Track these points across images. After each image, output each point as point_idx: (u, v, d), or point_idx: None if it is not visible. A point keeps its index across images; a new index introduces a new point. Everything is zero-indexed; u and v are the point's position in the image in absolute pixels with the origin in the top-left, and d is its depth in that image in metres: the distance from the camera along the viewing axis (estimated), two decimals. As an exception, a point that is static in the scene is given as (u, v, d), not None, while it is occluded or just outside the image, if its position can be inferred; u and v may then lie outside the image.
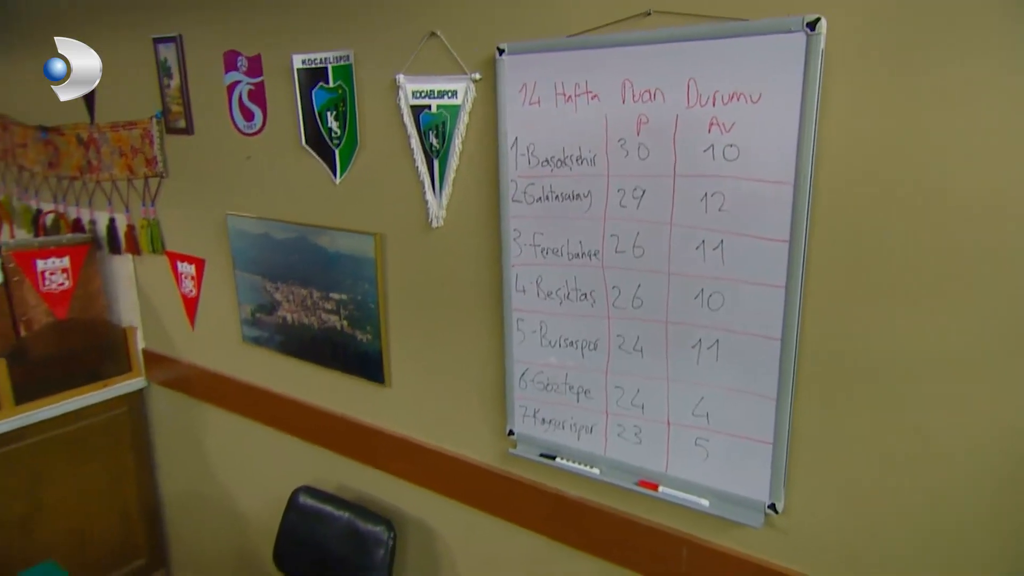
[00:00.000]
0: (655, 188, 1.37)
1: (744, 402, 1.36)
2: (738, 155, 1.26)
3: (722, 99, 1.26)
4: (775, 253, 1.26)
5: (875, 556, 1.30)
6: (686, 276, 1.38)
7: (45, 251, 2.59)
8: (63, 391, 2.65)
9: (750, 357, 1.34)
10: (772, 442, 1.35)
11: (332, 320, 2.02)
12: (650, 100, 1.34)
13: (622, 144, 1.39)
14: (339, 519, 2.05)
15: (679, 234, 1.37)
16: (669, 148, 1.33)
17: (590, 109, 1.41)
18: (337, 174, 1.88)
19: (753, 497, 1.40)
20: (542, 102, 1.47)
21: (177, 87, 2.21)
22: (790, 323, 1.27)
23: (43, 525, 2.65)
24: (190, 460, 2.78)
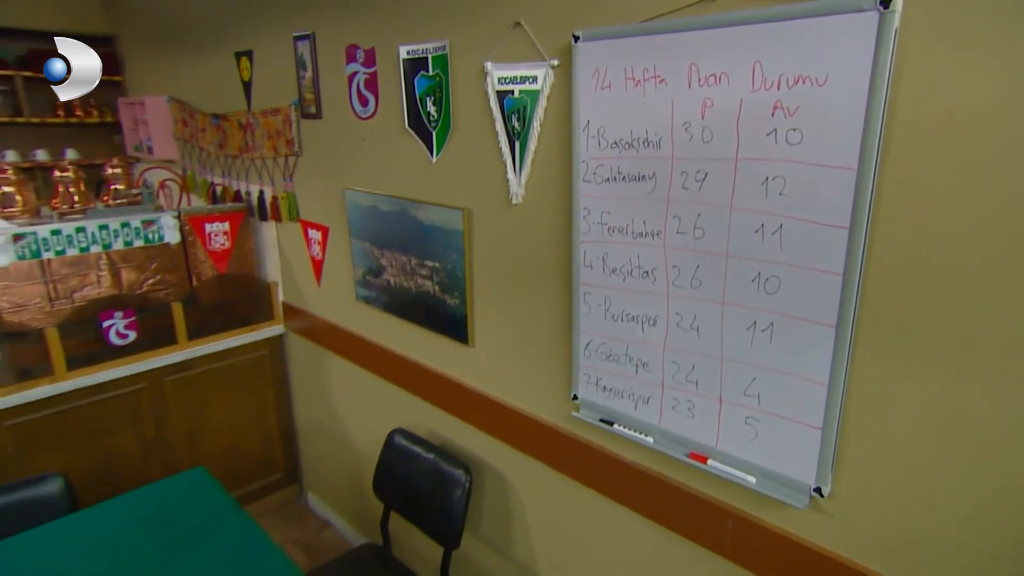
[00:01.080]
0: (717, 171, 1.24)
1: (796, 386, 1.22)
2: (801, 139, 1.11)
3: (787, 82, 1.11)
4: (834, 239, 1.10)
5: (923, 550, 1.13)
6: (744, 259, 1.24)
7: (211, 217, 2.77)
8: (222, 332, 2.83)
9: (803, 342, 1.19)
10: (821, 427, 1.20)
11: (426, 285, 2.02)
12: (715, 84, 1.20)
13: (687, 128, 1.27)
14: (426, 460, 2.07)
15: (739, 217, 1.23)
16: (732, 132, 1.20)
17: (657, 93, 1.29)
18: (433, 154, 1.85)
19: (799, 479, 1.26)
20: (613, 86, 1.37)
21: (310, 78, 2.26)
22: (846, 311, 1.12)
23: (205, 439, 2.87)
24: (316, 397, 2.91)
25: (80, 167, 2.91)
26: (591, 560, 1.78)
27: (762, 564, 1.37)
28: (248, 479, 3.04)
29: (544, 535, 1.90)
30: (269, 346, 2.98)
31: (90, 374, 2.46)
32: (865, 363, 1.14)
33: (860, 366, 1.14)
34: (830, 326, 1.15)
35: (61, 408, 2.42)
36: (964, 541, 1.08)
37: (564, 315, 1.62)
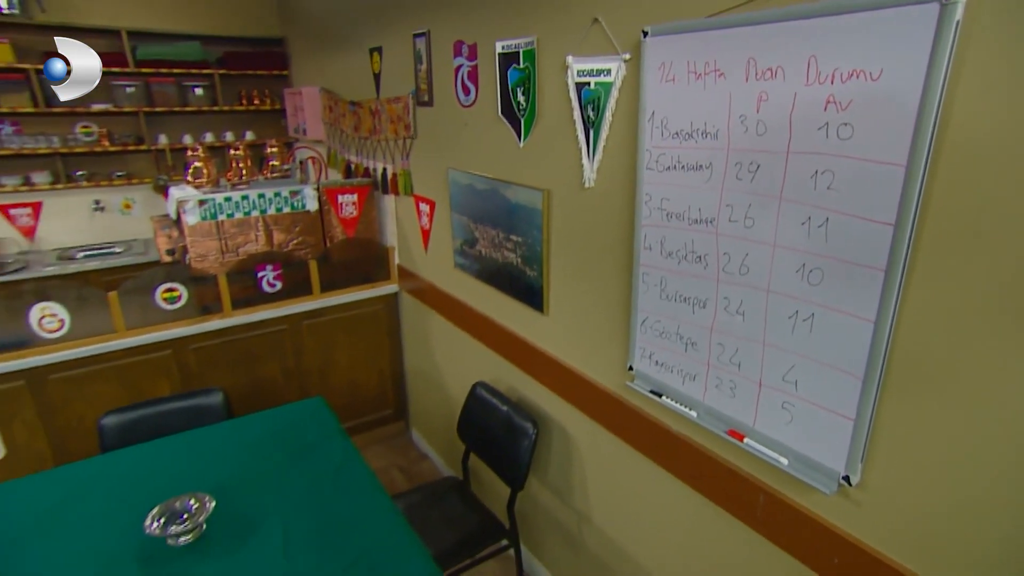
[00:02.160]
0: (769, 163, 1.17)
1: (831, 376, 1.14)
2: (852, 134, 1.02)
3: (840, 77, 1.02)
4: (879, 235, 1.01)
5: (950, 548, 1.03)
6: (790, 250, 1.16)
7: (343, 189, 2.96)
8: (348, 287, 3.02)
9: (842, 335, 1.11)
10: (854, 418, 1.12)
11: (511, 257, 2.06)
12: (771, 78, 1.13)
13: (742, 120, 1.20)
14: (501, 411, 2.14)
15: (787, 209, 1.15)
16: (785, 125, 1.12)
17: (717, 87, 1.23)
18: (521, 139, 1.87)
19: (829, 465, 1.18)
20: (676, 79, 1.31)
21: (425, 70, 2.33)
22: (886, 307, 1.02)
23: (332, 374, 3.09)
24: (421, 348, 3.05)
25: (250, 146, 3.22)
26: (637, 514, 1.77)
27: (789, 540, 1.31)
28: (364, 411, 3.26)
29: (598, 487, 1.91)
30: (385, 302, 3.14)
31: (248, 313, 2.75)
32: (902, 361, 1.04)
33: (897, 363, 1.05)
34: (869, 321, 1.06)
35: (227, 339, 2.73)
36: (992, 542, 0.98)
37: (625, 292, 1.60)
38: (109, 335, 2.47)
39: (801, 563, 1.29)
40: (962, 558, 1.02)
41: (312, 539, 1.53)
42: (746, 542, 1.41)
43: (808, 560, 1.27)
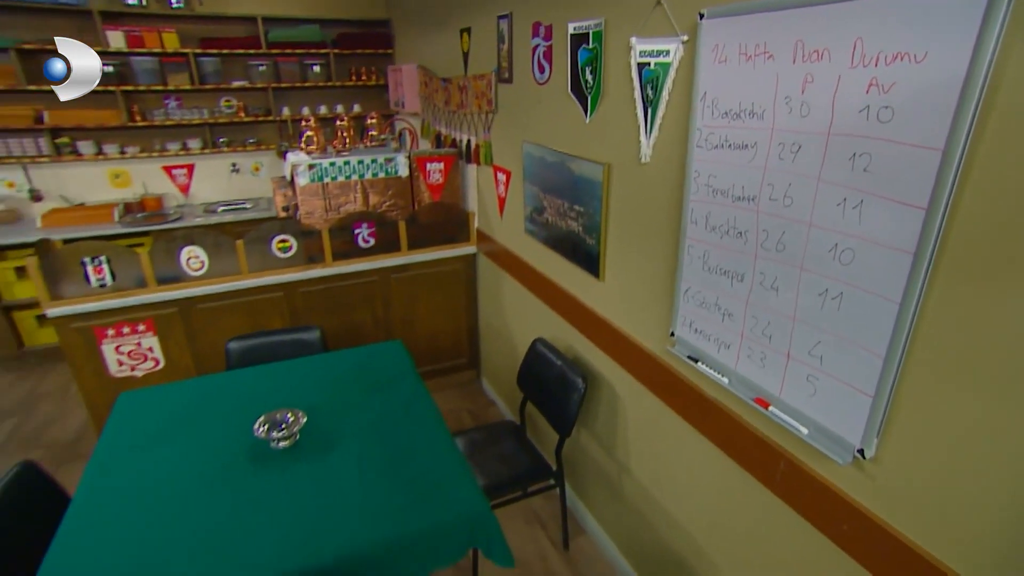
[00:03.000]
0: (810, 144, 1.13)
1: (855, 353, 1.11)
2: (892, 117, 0.97)
3: (885, 59, 0.96)
4: (910, 218, 0.96)
5: (957, 523, 1.00)
6: (824, 229, 1.13)
7: (431, 158, 3.08)
8: (432, 246, 3.14)
9: (867, 314, 1.07)
10: (872, 395, 1.09)
11: (573, 225, 2.09)
12: (817, 60, 1.08)
13: (787, 101, 1.16)
14: (555, 365, 2.21)
15: (824, 189, 1.11)
16: (828, 107, 1.07)
17: (765, 68, 1.19)
18: (587, 115, 1.87)
19: (845, 438, 1.16)
20: (728, 61, 1.28)
21: (506, 50, 2.36)
22: (912, 289, 0.98)
23: (415, 324, 3.26)
24: (493, 305, 3.15)
25: (355, 118, 3.40)
26: (670, 469, 1.80)
27: (803, 504, 1.30)
28: (441, 359, 3.43)
29: (638, 441, 1.95)
30: (464, 262, 3.25)
31: (345, 265, 2.96)
32: (926, 342, 1.00)
33: (919, 345, 1.01)
34: (894, 302, 1.02)
35: (327, 286, 2.96)
36: (1001, 524, 0.94)
37: (671, 263, 1.60)
38: (236, 276, 2.76)
39: (813, 526, 1.28)
40: (969, 536, 0.99)
41: (380, 457, 1.69)
42: (765, 503, 1.41)
43: (819, 524, 1.26)
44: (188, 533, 1.43)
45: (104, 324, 2.58)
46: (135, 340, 2.65)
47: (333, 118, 3.15)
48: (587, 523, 2.41)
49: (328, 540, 1.41)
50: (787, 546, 1.37)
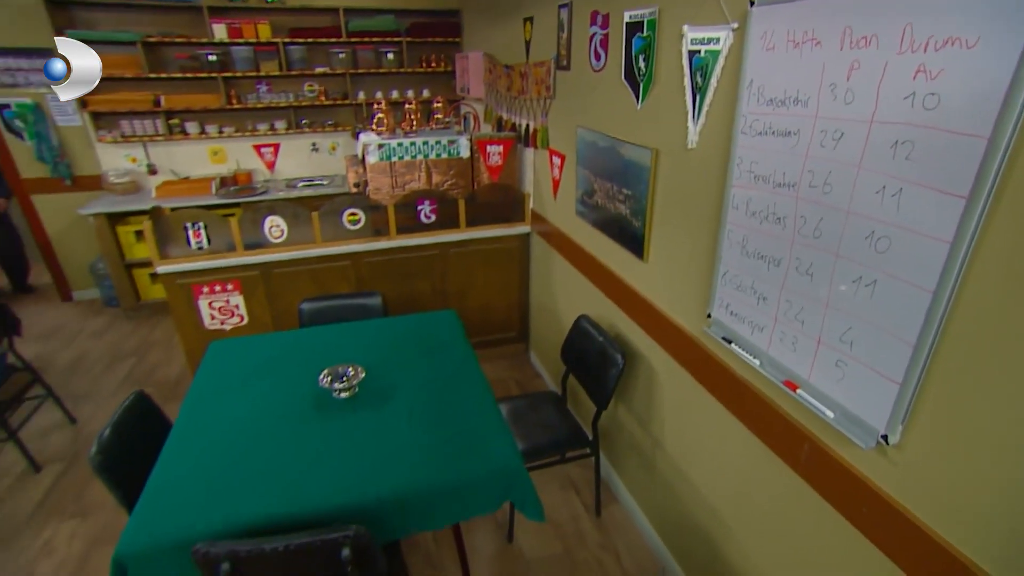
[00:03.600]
0: (852, 132, 1.09)
1: (885, 341, 1.08)
2: (937, 104, 0.92)
3: (935, 45, 0.91)
4: (950, 207, 0.92)
5: (978, 514, 0.97)
6: (862, 217, 1.09)
7: (492, 141, 3.11)
8: (489, 224, 3.19)
9: (900, 302, 1.04)
10: (900, 383, 1.06)
11: (621, 208, 2.09)
12: (865, 46, 1.03)
13: (832, 89, 1.12)
14: (597, 341, 2.23)
15: (864, 177, 1.08)
16: (873, 94, 1.03)
17: (812, 55, 1.15)
18: (639, 102, 1.85)
19: (870, 423, 1.13)
20: (776, 48, 1.24)
21: (565, 38, 2.34)
22: (946, 279, 0.95)
23: (470, 296, 3.33)
24: (543, 282, 3.18)
25: (422, 102, 3.48)
26: (700, 445, 1.80)
27: (825, 486, 1.28)
28: (493, 331, 3.49)
29: (671, 417, 1.95)
30: (519, 240, 3.28)
31: (408, 238, 3.07)
32: (959, 333, 0.96)
33: (952, 335, 0.97)
34: (928, 291, 0.98)
35: (390, 257, 3.08)
36: (1022, 516, 0.90)
37: (711, 247, 1.58)
38: (310, 244, 2.93)
39: (833, 507, 1.26)
40: (988, 527, 0.95)
41: (428, 412, 1.79)
42: (787, 482, 1.40)
43: (839, 506, 1.24)
44: (260, 462, 1.58)
45: (200, 282, 2.81)
46: (224, 297, 2.88)
47: (403, 102, 3.25)
48: (619, 492, 2.44)
49: (377, 481, 1.51)
50: (807, 525, 1.36)
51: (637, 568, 2.15)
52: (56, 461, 2.78)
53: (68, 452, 2.84)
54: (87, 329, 4.15)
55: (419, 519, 1.53)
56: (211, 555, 1.24)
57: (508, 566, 2.17)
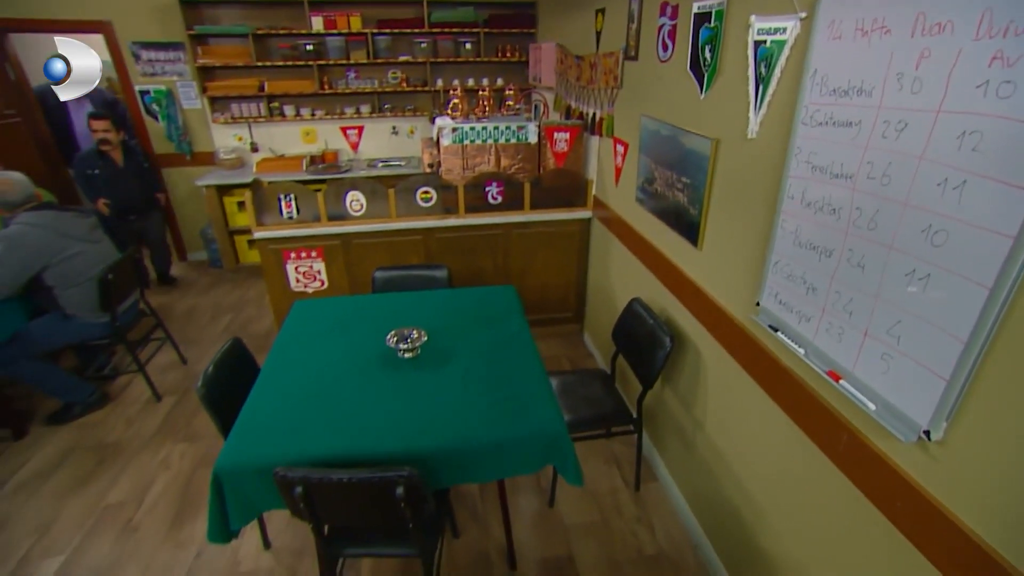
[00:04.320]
0: (917, 122, 1.03)
1: (935, 336, 1.03)
2: (1012, 92, 0.86)
3: (1014, 30, 0.85)
4: (1016, 201, 0.86)
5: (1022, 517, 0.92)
6: (920, 209, 1.04)
7: (559, 128, 3.10)
8: (552, 208, 3.21)
9: (954, 298, 0.98)
10: (947, 379, 1.00)
11: (679, 196, 2.05)
12: (938, 33, 0.97)
13: (899, 78, 1.06)
14: (647, 323, 2.21)
15: (926, 169, 1.02)
16: (942, 83, 0.97)
17: (881, 43, 1.09)
18: (702, 92, 1.81)
19: (913, 418, 1.08)
20: (843, 37, 1.18)
21: (635, 29, 2.30)
22: (1006, 276, 0.89)
23: (529, 275, 3.37)
24: (601, 266, 3.16)
25: (495, 90, 3.53)
26: (741, 430, 1.77)
27: (861, 477, 1.24)
28: (549, 310, 3.52)
29: (714, 400, 1.93)
30: (580, 225, 3.27)
31: (475, 217, 3.15)
32: (1012, 333, 0.90)
33: (1007, 333, 0.91)
34: (985, 288, 0.92)
35: (458, 234, 3.17)
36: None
37: (764, 236, 1.53)
38: (386, 219, 3.08)
39: (868, 499, 1.22)
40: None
41: (481, 376, 1.86)
42: (824, 472, 1.36)
43: (874, 498, 1.20)
44: (332, 406, 1.72)
45: (289, 248, 3.03)
46: (309, 263, 3.09)
47: (477, 89, 3.31)
48: (659, 471, 2.43)
49: (430, 433, 1.61)
50: (840, 514, 1.32)
51: (670, 543, 2.16)
52: (171, 394, 3.12)
53: (181, 387, 3.18)
54: (197, 286, 4.58)
55: (465, 471, 1.62)
56: (288, 478, 1.38)
57: (547, 528, 2.24)
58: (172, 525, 2.26)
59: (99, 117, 3.63)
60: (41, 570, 2.08)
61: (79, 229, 2.70)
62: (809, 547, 1.46)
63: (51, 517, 2.32)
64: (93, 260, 2.72)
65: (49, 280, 2.60)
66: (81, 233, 2.70)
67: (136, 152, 4.05)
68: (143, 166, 4.07)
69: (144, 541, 2.20)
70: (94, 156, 3.75)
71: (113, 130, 3.70)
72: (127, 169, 3.90)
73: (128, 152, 3.92)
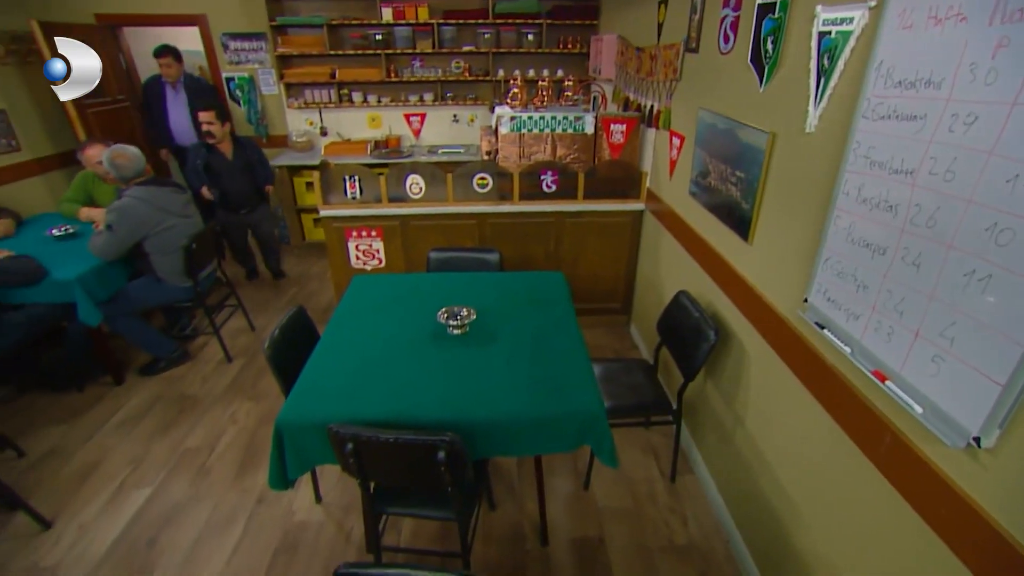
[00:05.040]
0: (988, 115, 0.97)
1: (992, 340, 0.98)
2: (1092, 87, 0.81)
3: (1097, 21, 0.80)
4: (1087, 201, 0.81)
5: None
6: (986, 207, 0.98)
7: (616, 119, 3.08)
8: (605, 199, 3.19)
9: (1016, 300, 0.93)
10: (1004, 384, 0.96)
11: (732, 191, 2.01)
12: (1020, 19, 0.91)
13: (972, 68, 1.00)
14: (693, 316, 2.18)
15: (996, 164, 0.96)
16: (1019, 74, 0.92)
17: (954, 32, 1.03)
18: (762, 84, 1.75)
19: (962, 423, 1.04)
20: (914, 26, 1.13)
21: (697, 20, 2.24)
22: (1071, 278, 0.84)
23: (580, 264, 3.37)
24: (651, 258, 3.13)
25: (554, 81, 3.53)
26: (781, 427, 1.73)
27: (903, 482, 1.20)
28: (599, 299, 3.51)
29: (756, 396, 1.89)
30: (632, 217, 3.24)
31: (529, 204, 3.18)
32: (1076, 336, 0.85)
33: (1069, 338, 0.86)
34: (1049, 290, 0.88)
35: (512, 220, 3.22)
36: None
37: (816, 232, 1.49)
38: (443, 202, 3.17)
39: (909, 504, 1.18)
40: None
41: (524, 355, 1.90)
42: (864, 474, 1.32)
43: (915, 503, 1.16)
44: (383, 374, 1.82)
45: (351, 226, 3.19)
46: (368, 242, 3.23)
47: (537, 80, 3.32)
48: (696, 464, 2.41)
49: (474, 405, 1.67)
50: (878, 518, 1.28)
51: (702, 535, 2.14)
52: (241, 356, 3.38)
53: (249, 351, 3.43)
54: (267, 259, 4.88)
55: (504, 443, 1.68)
56: (340, 434, 1.49)
57: (580, 509, 2.27)
58: (238, 473, 2.47)
59: (203, 108, 3.54)
60: (133, 498, 2.34)
61: (175, 204, 2.95)
62: (843, 548, 1.43)
63: (141, 454, 2.59)
64: (184, 232, 2.98)
65: (147, 248, 2.87)
66: (177, 208, 2.95)
67: (246, 146, 3.83)
68: (253, 159, 3.84)
69: (215, 484, 2.41)
70: (202, 148, 3.68)
71: (218, 122, 3.55)
72: (235, 163, 3.75)
73: (238, 145, 3.78)
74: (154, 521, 2.23)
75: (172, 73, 4.20)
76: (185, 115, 4.37)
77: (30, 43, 3.93)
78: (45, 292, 2.69)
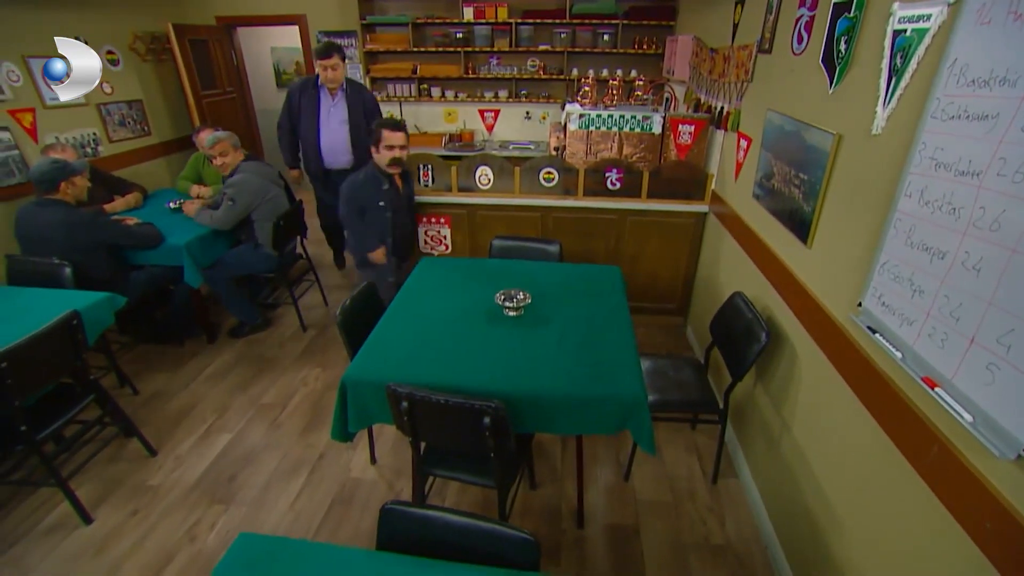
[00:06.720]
0: (1060, 117, 0.94)
1: (1048, 347, 0.95)
2: None
3: None
4: None
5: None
6: (1052, 211, 0.95)
7: (685, 120, 3.06)
8: (669, 199, 3.17)
9: (1074, 306, 0.90)
10: (1056, 394, 0.93)
11: (795, 193, 1.97)
12: (1096, 20, 0.88)
13: (1048, 67, 0.97)
14: (746, 317, 2.15)
15: (1064, 167, 0.93)
16: (1093, 75, 0.89)
17: (1031, 30, 1.00)
18: (832, 85, 1.72)
19: (1016, 434, 1.01)
20: (993, 22, 1.09)
21: (772, 20, 2.20)
22: None
23: (640, 262, 3.38)
24: (711, 260, 3.08)
25: (625, 80, 3.54)
26: (828, 432, 1.69)
27: (948, 493, 1.16)
28: (656, 299, 3.50)
29: (804, 401, 1.85)
30: (695, 218, 3.20)
31: (593, 200, 3.23)
32: None
33: None
34: (1110, 296, 0.84)
35: (574, 215, 3.28)
36: None
37: (874, 236, 1.45)
38: (510, 194, 3.29)
39: (953, 516, 1.14)
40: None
41: (575, 340, 1.97)
42: (908, 484, 1.28)
43: (960, 515, 1.12)
44: (440, 347, 1.95)
45: (421, 213, 3.38)
46: (437, 228, 3.41)
47: (609, 79, 3.36)
48: (739, 467, 2.38)
49: (521, 380, 1.76)
50: (921, 532, 1.24)
51: (739, 537, 2.12)
52: (314, 327, 3.67)
53: (321, 323, 3.73)
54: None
55: (547, 419, 1.76)
56: (397, 392, 1.64)
57: (619, 498, 2.31)
58: (304, 430, 2.71)
59: (392, 127, 2.66)
60: (218, 440, 2.65)
61: (272, 175, 3.32)
62: (883, 561, 1.39)
63: (226, 404, 2.91)
64: (281, 200, 3.31)
65: (254, 216, 3.22)
66: (275, 177, 3.31)
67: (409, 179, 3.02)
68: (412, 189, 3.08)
69: (284, 437, 2.67)
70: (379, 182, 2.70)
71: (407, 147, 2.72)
72: (402, 201, 2.89)
73: (406, 177, 2.93)
74: (234, 461, 2.51)
75: (336, 77, 3.40)
76: (343, 132, 3.55)
77: (164, 42, 4.47)
78: (160, 255, 3.08)
